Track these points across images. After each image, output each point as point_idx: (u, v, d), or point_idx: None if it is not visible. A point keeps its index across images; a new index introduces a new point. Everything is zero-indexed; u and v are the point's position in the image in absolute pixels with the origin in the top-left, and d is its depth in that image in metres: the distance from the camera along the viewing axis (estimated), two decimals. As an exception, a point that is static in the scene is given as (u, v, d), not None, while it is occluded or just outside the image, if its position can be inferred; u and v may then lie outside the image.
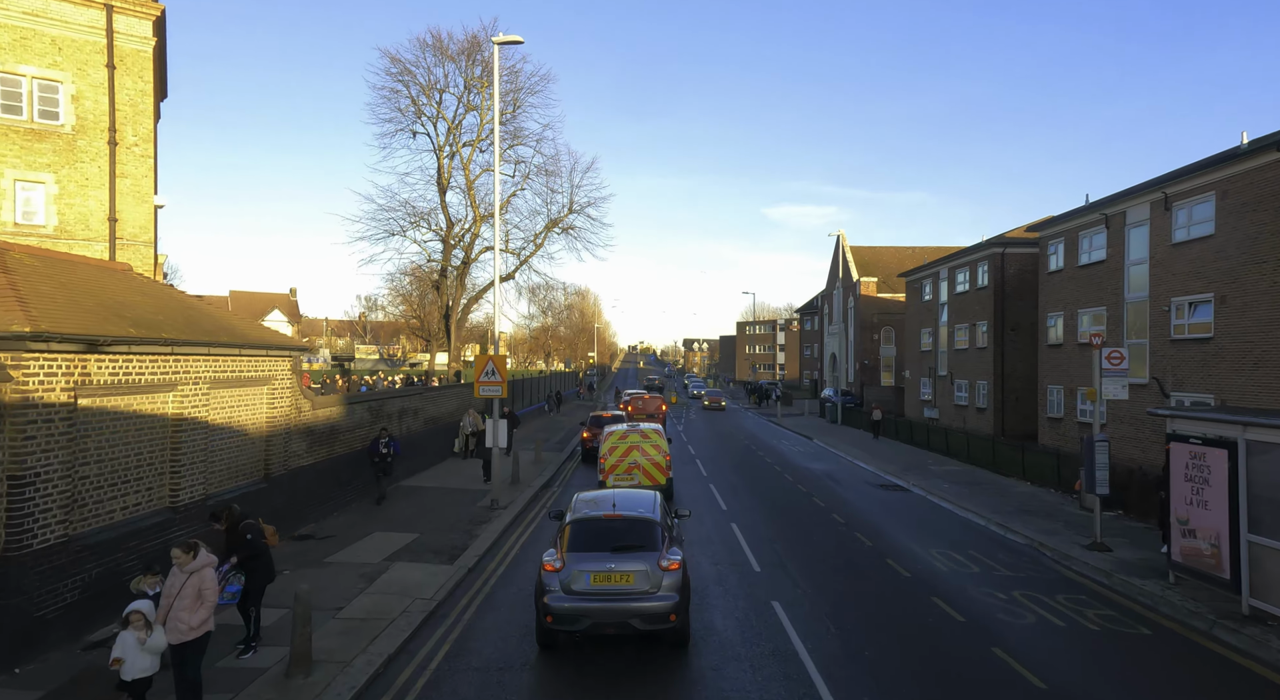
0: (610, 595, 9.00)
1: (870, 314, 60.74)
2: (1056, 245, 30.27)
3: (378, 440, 17.76)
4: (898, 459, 28.61)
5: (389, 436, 17.96)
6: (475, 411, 26.22)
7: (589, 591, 9.01)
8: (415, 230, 34.85)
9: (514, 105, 33.93)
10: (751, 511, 18.48)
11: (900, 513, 18.80)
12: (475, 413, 26.09)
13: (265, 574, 8.55)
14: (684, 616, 9.31)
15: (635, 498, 10.72)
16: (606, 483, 18.77)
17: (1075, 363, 28.63)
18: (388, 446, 17.80)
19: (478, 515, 17.36)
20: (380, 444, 17.71)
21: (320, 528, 15.26)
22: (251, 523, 8.38)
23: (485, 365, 18.35)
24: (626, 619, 8.90)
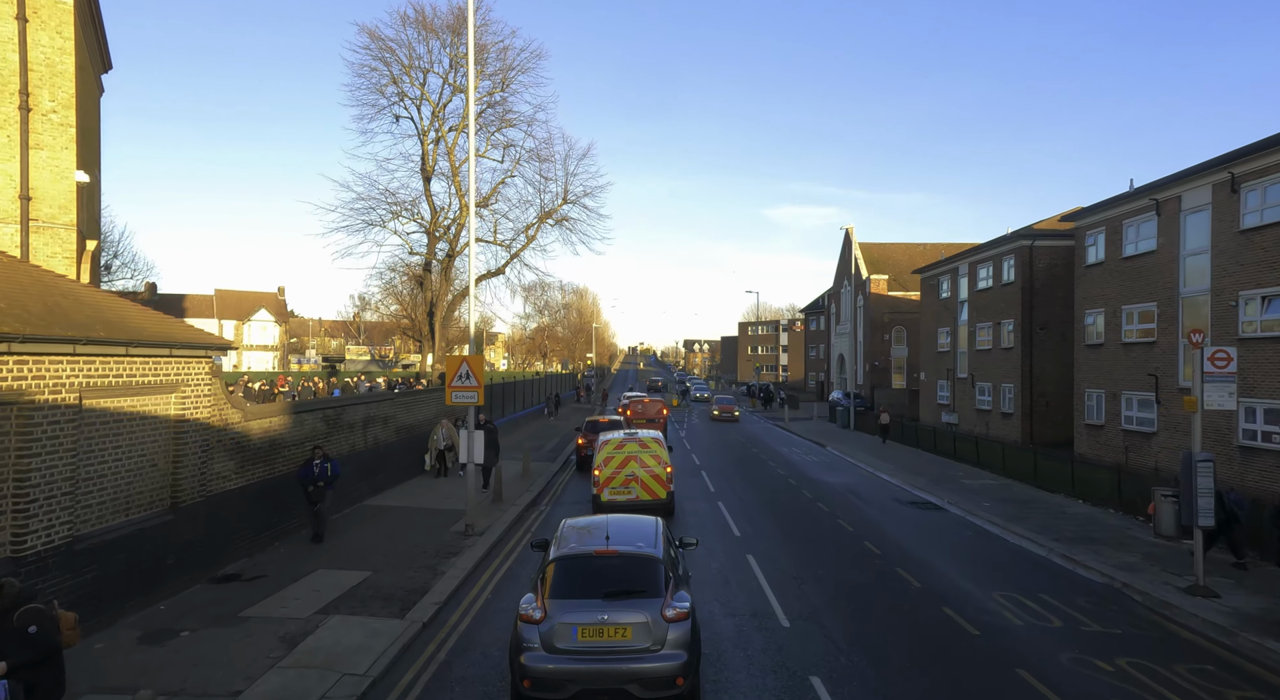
0: (603, 653, 7.39)
1: (881, 313, 58.12)
2: (1095, 236, 27.64)
3: (310, 462, 14.06)
4: (923, 470, 25.97)
5: (324, 456, 14.20)
6: (449, 421, 22.88)
7: (576, 649, 7.39)
8: (397, 221, 32.24)
9: (503, 83, 31.39)
10: (769, 539, 15.84)
11: (942, 539, 16.16)
12: (449, 423, 22.69)
13: (53, 688, 5.77)
14: (694, 680, 7.66)
15: (633, 527, 9.00)
16: (601, 496, 17.08)
17: (1119, 364, 25.99)
18: (323, 470, 14.05)
19: (447, 544, 14.72)
20: (313, 467, 13.99)
21: (251, 564, 12.63)
22: (37, 608, 5.62)
23: (458, 367, 15.72)
24: (623, 684, 7.32)
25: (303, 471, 14.10)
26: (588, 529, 8.97)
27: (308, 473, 14.06)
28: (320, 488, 14.13)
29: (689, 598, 7.93)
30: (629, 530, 8.80)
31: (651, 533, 8.77)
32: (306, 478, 14.04)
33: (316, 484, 14.07)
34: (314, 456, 14.19)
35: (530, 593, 8.00)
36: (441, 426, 22.44)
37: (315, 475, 14.06)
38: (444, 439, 22.35)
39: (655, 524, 9.18)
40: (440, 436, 22.38)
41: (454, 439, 21.88)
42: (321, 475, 14.10)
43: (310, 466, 14.11)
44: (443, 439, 22.34)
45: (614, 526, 8.86)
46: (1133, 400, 25.27)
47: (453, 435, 22.08)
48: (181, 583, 10.98)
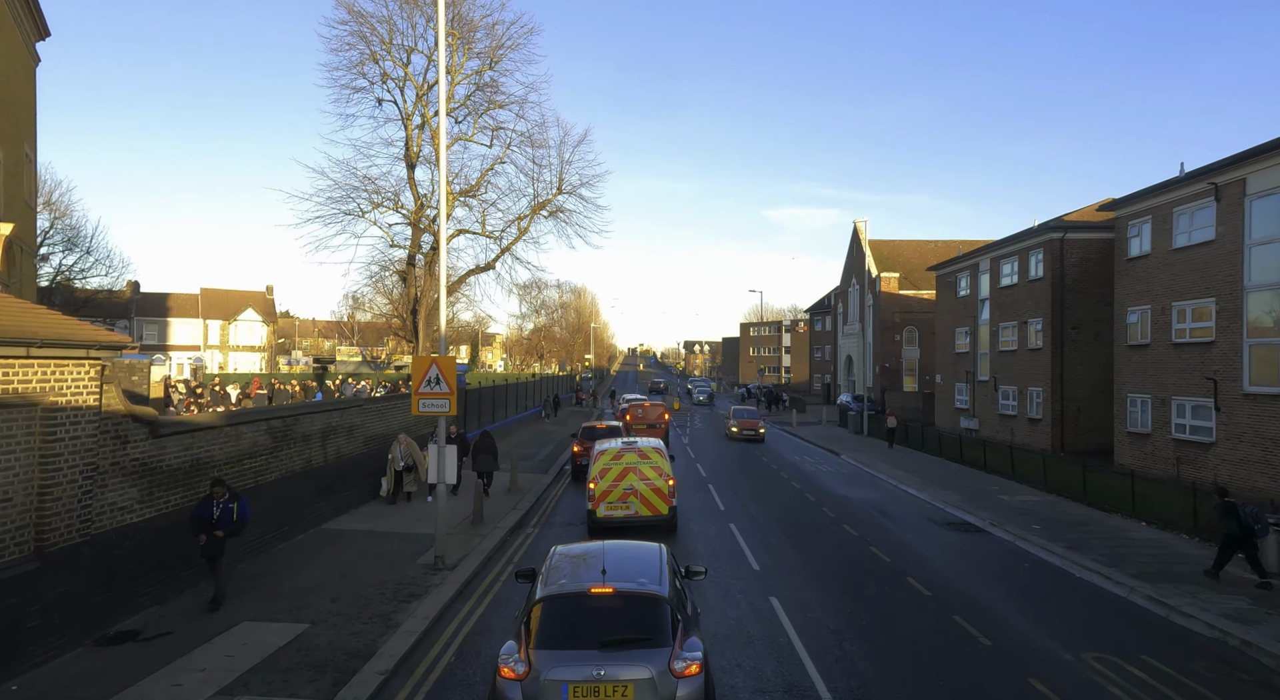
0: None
1: (891, 312, 55.74)
2: (1140, 225, 25.23)
3: (210, 502, 10.46)
4: (952, 483, 23.54)
5: (228, 494, 10.62)
6: (409, 437, 19.06)
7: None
8: (377, 212, 29.81)
9: (491, 61, 28.95)
10: (793, 573, 13.40)
11: (996, 573, 13.74)
12: (409, 438, 18.90)
13: None
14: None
15: (634, 556, 7.88)
16: (597, 512, 15.69)
17: (1169, 366, 23.58)
18: (225, 512, 10.47)
19: (411, 582, 12.30)
20: (211, 508, 10.42)
21: (159, 616, 10.19)
22: None
23: (426, 370, 13.30)
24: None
25: (197, 512, 10.43)
26: (582, 558, 7.81)
27: (203, 515, 10.39)
28: (217, 540, 10.40)
29: (701, 646, 6.75)
30: (629, 560, 7.66)
31: (655, 563, 7.60)
32: (201, 522, 10.35)
33: (213, 533, 10.35)
34: (213, 494, 10.56)
35: (512, 639, 6.81)
36: (400, 442, 18.68)
37: (212, 520, 10.38)
38: (403, 457, 18.63)
39: (659, 553, 8.00)
40: (399, 454, 18.64)
41: (416, 457, 18.67)
42: (223, 520, 10.44)
43: (207, 507, 10.45)
44: (401, 457, 18.61)
45: (611, 556, 7.68)
46: (1185, 406, 22.87)
47: (414, 453, 18.73)
48: (52, 648, 8.56)
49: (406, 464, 18.60)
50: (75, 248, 45.81)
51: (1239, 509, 12.46)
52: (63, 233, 44.87)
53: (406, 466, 18.60)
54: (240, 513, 10.65)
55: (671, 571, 7.57)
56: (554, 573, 7.40)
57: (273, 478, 13.79)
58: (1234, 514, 12.41)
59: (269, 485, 13.64)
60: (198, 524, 10.39)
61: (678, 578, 7.79)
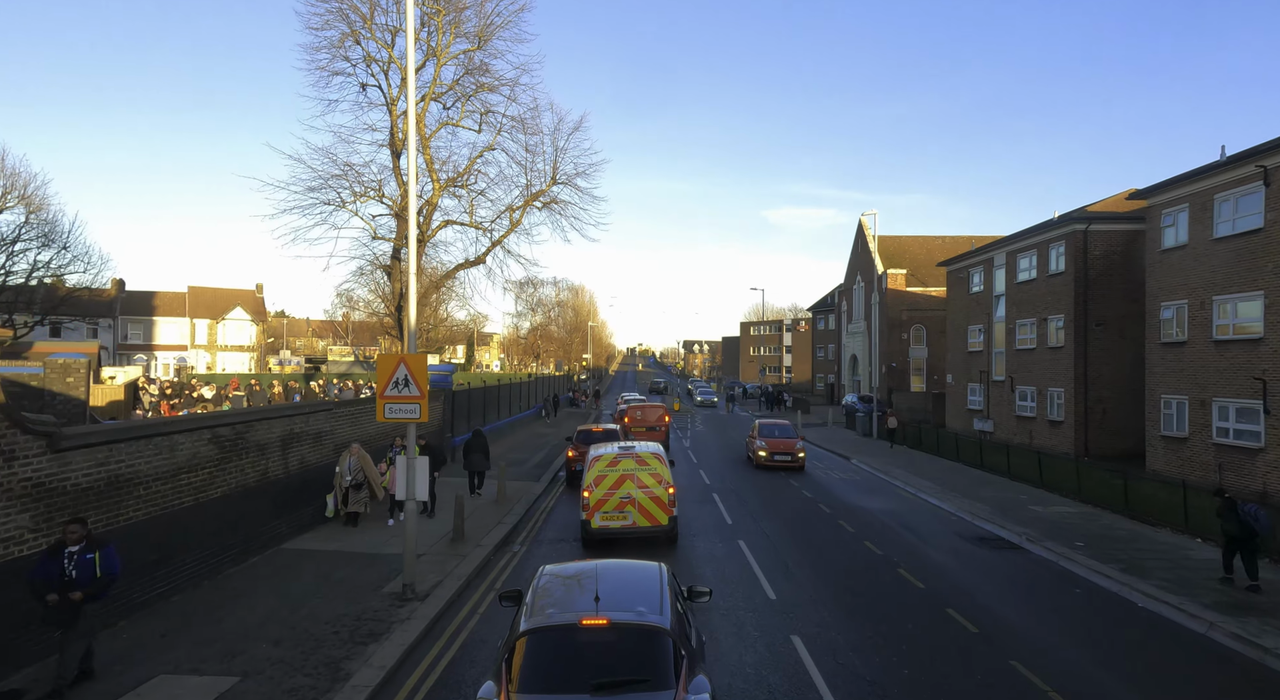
0: None
1: (898, 310, 54.10)
2: (1176, 214, 23.50)
3: (59, 551, 7.66)
4: (975, 491, 21.80)
5: (85, 540, 7.74)
6: (361, 447, 16.17)
7: None
8: (360, 202, 28.00)
9: (481, 40, 27.13)
10: (816, 604, 11.65)
11: (1046, 602, 12.01)
12: (361, 450, 16.06)
13: None
14: None
15: (631, 579, 7.08)
16: (592, 523, 14.66)
17: (1209, 365, 21.86)
18: (84, 566, 7.63)
19: (373, 616, 10.56)
20: (62, 560, 7.61)
21: (58, 668, 8.41)
22: None
23: (393, 370, 11.56)
24: None
25: (40, 569, 7.55)
26: (574, 580, 7.00)
27: (48, 572, 7.51)
28: (72, 604, 7.49)
29: (709, 686, 5.91)
30: (625, 584, 6.86)
31: (655, 586, 6.73)
32: (44, 579, 7.49)
33: (66, 593, 7.47)
34: (66, 538, 7.67)
35: (491, 680, 5.97)
36: (350, 453, 15.83)
37: (63, 577, 7.51)
38: (352, 471, 15.73)
39: (659, 574, 7.08)
40: (348, 467, 15.74)
41: (368, 471, 15.98)
42: (81, 578, 7.55)
43: (56, 560, 7.58)
44: (350, 471, 15.72)
45: (606, 578, 6.89)
46: (1229, 409, 21.15)
47: (366, 466, 15.95)
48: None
49: (355, 479, 15.74)
50: (52, 243, 44.03)
51: (1238, 507, 12.19)
52: (38, 228, 43.10)
53: (355, 482, 15.75)
54: (106, 565, 7.73)
55: (673, 595, 6.74)
56: (541, 598, 6.59)
57: (218, 493, 12.04)
58: (1233, 512, 12.16)
59: (213, 502, 11.88)
60: (40, 584, 7.48)
61: (679, 601, 6.94)
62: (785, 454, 26.29)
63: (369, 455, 16.15)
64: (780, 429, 28.22)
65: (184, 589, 11.08)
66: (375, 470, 16.09)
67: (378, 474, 16.13)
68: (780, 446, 26.49)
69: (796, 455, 26.29)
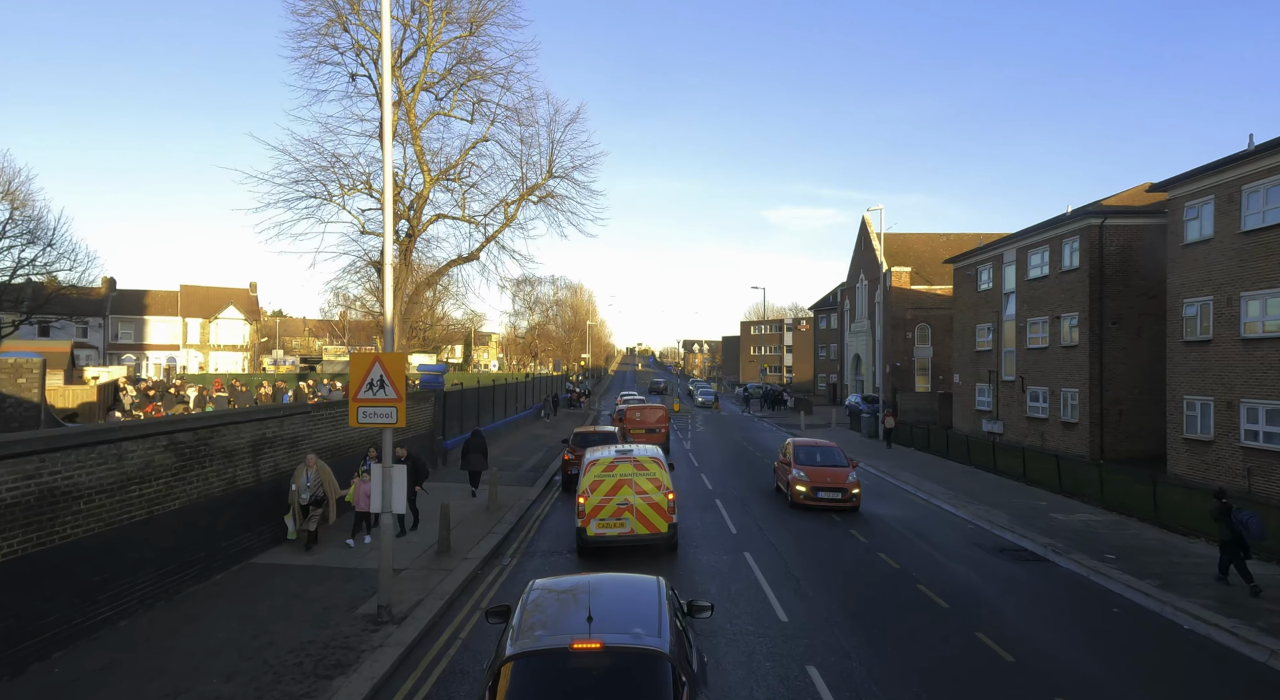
0: None
1: (902, 309, 53.04)
2: (1200, 206, 22.47)
3: None
4: (991, 497, 20.76)
5: None
6: (318, 458, 14.07)
7: None
8: (348, 196, 26.95)
9: (472, 26, 26.08)
10: (832, 627, 10.59)
11: (1084, 623, 10.96)
12: (319, 461, 13.96)
13: None
14: None
15: (627, 594, 6.53)
16: (588, 530, 13.99)
17: (1237, 365, 20.83)
18: None
19: (342, 642, 9.51)
20: None
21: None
22: None
23: (367, 369, 10.51)
24: None
25: None
26: (567, 596, 6.53)
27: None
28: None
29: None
30: (622, 602, 6.37)
31: (653, 605, 6.22)
32: None
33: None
34: None
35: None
36: (308, 465, 13.72)
37: None
38: (309, 486, 13.59)
39: (657, 590, 6.57)
40: (305, 480, 13.60)
41: (327, 485, 13.90)
42: None
43: None
44: (307, 486, 13.58)
45: (600, 595, 6.35)
46: (1258, 411, 20.12)
47: (325, 480, 13.83)
48: None
49: (314, 495, 13.66)
50: (38, 240, 42.96)
51: (1232, 513, 12.19)
52: (22, 224, 42.02)
53: (314, 499, 13.69)
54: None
55: (672, 610, 6.26)
56: (530, 616, 6.15)
57: (176, 505, 10.99)
58: (1227, 517, 12.17)
59: (170, 515, 10.84)
60: None
61: (679, 617, 6.42)
62: (834, 490, 18.63)
63: (329, 467, 14.29)
64: (823, 453, 20.31)
65: (133, 612, 10.03)
66: (335, 484, 14.24)
67: (337, 488, 14.29)
68: (826, 478, 18.90)
69: (849, 491, 18.65)
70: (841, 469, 19.39)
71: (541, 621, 6.02)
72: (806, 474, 19.07)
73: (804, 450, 20.43)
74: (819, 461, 19.82)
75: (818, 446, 20.72)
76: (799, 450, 20.40)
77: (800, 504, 18.89)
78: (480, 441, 20.58)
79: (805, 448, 20.59)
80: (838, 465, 19.64)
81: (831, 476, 18.98)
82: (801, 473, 19.17)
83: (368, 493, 14.18)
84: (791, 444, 20.99)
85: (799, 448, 20.55)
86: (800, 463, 19.73)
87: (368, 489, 14.20)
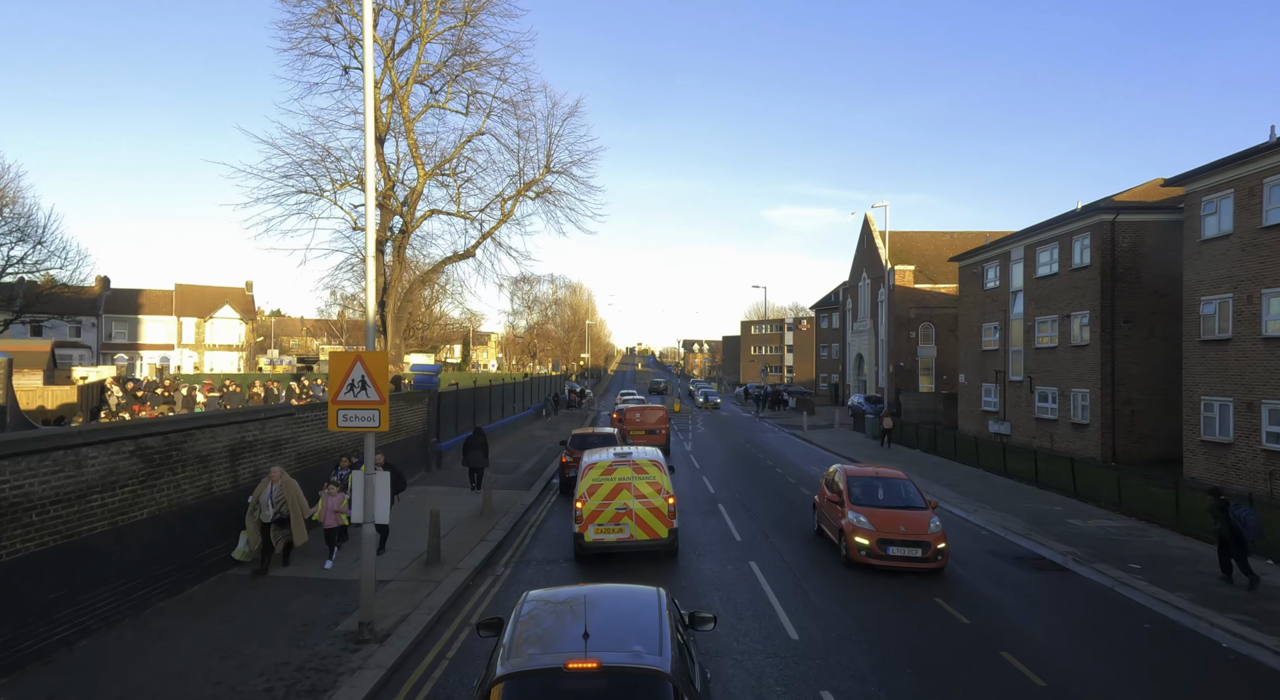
0: None
1: (906, 308, 52.33)
2: (1219, 201, 21.76)
3: None
4: (1004, 501, 20.05)
5: None
6: (284, 472, 12.44)
7: None
8: (340, 191, 26.23)
9: (467, 16, 25.35)
10: (848, 646, 9.88)
11: (1117, 642, 10.24)
12: (285, 475, 12.33)
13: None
14: None
15: (626, 608, 6.16)
16: (586, 536, 13.51)
17: (1258, 365, 20.13)
18: None
19: (318, 663, 8.80)
20: None
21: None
22: None
23: (348, 370, 9.79)
24: None
25: None
26: (564, 608, 6.21)
27: None
28: None
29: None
30: (620, 616, 6.06)
31: (653, 619, 5.83)
32: None
33: None
34: None
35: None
36: (271, 479, 12.11)
37: None
38: (271, 502, 11.96)
39: (657, 602, 6.20)
40: (268, 496, 11.98)
41: (291, 502, 12.12)
42: None
43: None
44: (270, 503, 11.94)
45: (597, 608, 6.08)
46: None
47: (290, 496, 12.11)
48: None
49: (279, 513, 12.00)
50: (27, 238, 42.22)
51: (1229, 509, 12.20)
52: (11, 222, 41.28)
53: (279, 518, 12.04)
54: None
55: (674, 625, 5.87)
56: (523, 631, 5.75)
57: (144, 515, 10.28)
58: (1224, 513, 12.21)
59: (138, 526, 10.12)
60: None
61: (680, 631, 6.05)
62: (912, 544, 13.11)
63: (296, 482, 12.48)
64: (888, 487, 14.69)
65: (95, 632, 9.31)
66: (303, 502, 12.45)
67: (305, 506, 12.53)
68: (898, 526, 13.38)
69: (932, 545, 13.12)
70: (918, 513, 13.77)
71: (535, 637, 5.67)
72: (869, 519, 13.54)
73: (861, 483, 14.72)
74: (883, 500, 14.26)
75: (880, 477, 15.05)
76: (854, 483, 14.69)
77: (862, 562, 13.21)
78: (481, 438, 20.93)
79: (863, 480, 14.87)
80: (912, 506, 14.05)
81: (906, 523, 13.39)
82: (862, 518, 13.60)
83: (335, 508, 12.88)
84: (842, 474, 15.21)
85: (854, 479, 14.83)
86: (859, 503, 14.08)
87: (335, 503, 12.89)
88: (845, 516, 13.92)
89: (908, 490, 14.68)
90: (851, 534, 13.52)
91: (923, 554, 13.07)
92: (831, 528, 14.89)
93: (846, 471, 15.41)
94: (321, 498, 13.04)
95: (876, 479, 15.03)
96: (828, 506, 15.32)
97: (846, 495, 14.39)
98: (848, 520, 13.79)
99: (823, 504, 15.79)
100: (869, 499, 14.28)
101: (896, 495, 14.48)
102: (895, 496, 14.43)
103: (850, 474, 15.23)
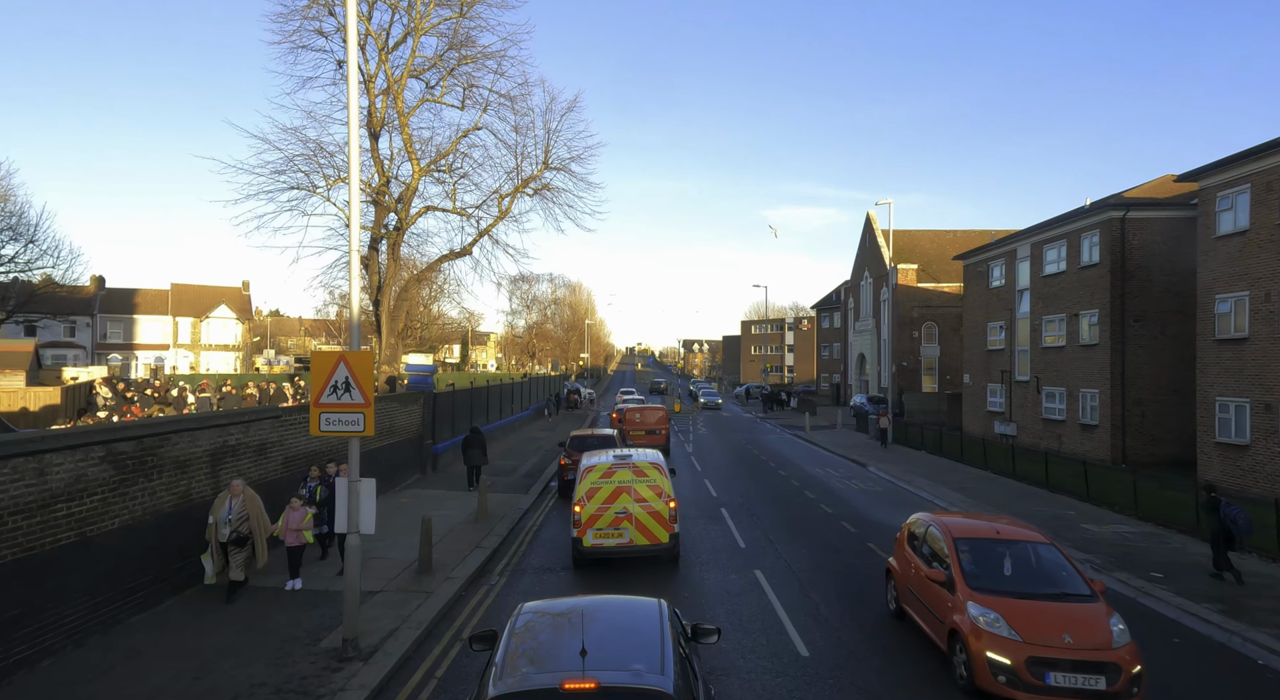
0: None
1: (909, 307, 51.80)
2: (1234, 196, 21.19)
3: None
4: (1015, 506, 19.43)
5: None
6: (246, 485, 11.31)
7: None
8: (333, 187, 25.65)
9: (462, 7, 24.78)
10: (861, 663, 9.31)
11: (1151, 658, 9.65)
12: (245, 488, 11.18)
13: None
14: None
15: (625, 621, 5.94)
16: (584, 541, 13.12)
17: (1276, 364, 19.56)
18: None
19: (298, 685, 8.25)
20: None
21: None
22: None
23: (331, 370, 9.22)
24: None
25: None
26: (561, 620, 5.92)
27: None
28: None
29: None
30: (619, 629, 5.77)
31: (654, 634, 5.49)
32: None
33: None
34: None
35: None
36: (232, 493, 10.96)
37: None
38: (230, 520, 10.78)
39: (659, 615, 5.83)
40: (226, 513, 10.81)
41: (255, 520, 11.04)
42: None
43: None
44: (228, 519, 10.78)
45: (595, 621, 5.83)
46: (1301, 413, 18.83)
47: (253, 512, 11.03)
48: None
49: (238, 532, 10.80)
50: (19, 237, 41.63)
51: (1221, 506, 12.47)
52: (2, 220, 40.69)
53: (237, 537, 10.80)
54: None
55: (676, 638, 5.60)
56: (518, 646, 5.49)
57: (115, 525, 9.71)
58: (1215, 511, 12.49)
59: (108, 536, 9.55)
60: None
61: (683, 645, 5.77)
62: (1090, 667, 7.63)
63: (259, 496, 11.40)
64: (1023, 558, 9.20)
65: (60, 650, 8.74)
66: (265, 519, 11.34)
67: (268, 523, 11.38)
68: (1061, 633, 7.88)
69: (1124, 671, 7.62)
70: (1086, 606, 8.38)
71: (530, 653, 5.42)
72: (1009, 619, 8.11)
73: (977, 547, 9.28)
74: (1015, 578, 8.90)
75: (1009, 541, 9.39)
76: (962, 546, 9.27)
77: (1001, 695, 7.83)
78: (479, 438, 21.42)
79: (979, 543, 9.34)
80: (1070, 593, 8.63)
81: (1072, 627, 7.99)
82: (994, 617, 8.17)
83: (295, 525, 11.52)
84: (942, 530, 9.70)
85: (962, 541, 9.35)
86: (981, 587, 8.66)
87: (296, 520, 11.52)
88: (963, 610, 8.45)
89: (1055, 561, 9.06)
90: (979, 644, 8.00)
91: (1108, 686, 7.56)
92: (929, 618, 9.41)
93: (949, 527, 9.68)
94: (285, 513, 11.60)
95: (997, 542, 9.30)
96: (920, 584, 9.71)
97: (958, 570, 8.92)
98: (968, 618, 8.30)
99: (906, 575, 10.30)
100: (993, 578, 8.81)
101: (1038, 571, 8.98)
102: (1036, 573, 8.94)
103: (956, 533, 9.46)
